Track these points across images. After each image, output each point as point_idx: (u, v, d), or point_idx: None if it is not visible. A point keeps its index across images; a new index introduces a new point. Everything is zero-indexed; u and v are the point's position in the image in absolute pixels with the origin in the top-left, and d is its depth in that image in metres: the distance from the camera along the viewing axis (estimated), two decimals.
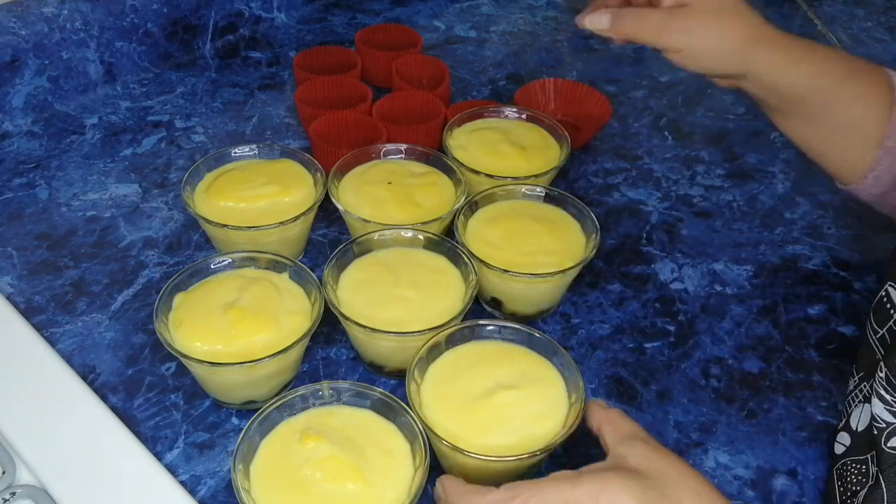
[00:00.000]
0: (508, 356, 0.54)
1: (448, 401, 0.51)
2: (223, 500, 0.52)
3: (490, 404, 0.50)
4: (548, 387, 0.52)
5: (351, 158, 0.69)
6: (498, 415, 0.50)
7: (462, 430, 0.49)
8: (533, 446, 0.48)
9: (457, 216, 0.64)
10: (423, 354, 0.52)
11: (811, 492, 0.55)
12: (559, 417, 0.50)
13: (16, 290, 0.65)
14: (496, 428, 0.49)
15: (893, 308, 0.51)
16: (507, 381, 0.52)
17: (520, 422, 0.50)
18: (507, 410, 0.50)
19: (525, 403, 0.50)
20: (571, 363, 0.52)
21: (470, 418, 0.50)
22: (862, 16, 1.13)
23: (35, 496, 0.49)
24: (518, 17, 1.07)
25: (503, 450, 0.48)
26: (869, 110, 0.57)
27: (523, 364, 0.53)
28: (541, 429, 0.49)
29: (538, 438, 0.49)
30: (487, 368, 0.53)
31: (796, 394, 0.61)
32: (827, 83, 0.57)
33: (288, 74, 0.92)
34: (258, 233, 0.62)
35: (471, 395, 0.51)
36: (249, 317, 0.55)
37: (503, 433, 0.49)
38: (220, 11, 0.92)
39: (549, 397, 0.51)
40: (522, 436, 0.49)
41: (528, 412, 0.50)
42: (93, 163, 0.77)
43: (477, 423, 0.49)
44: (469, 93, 0.91)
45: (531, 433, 0.49)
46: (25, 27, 0.78)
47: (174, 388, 0.58)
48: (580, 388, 0.50)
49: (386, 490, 0.47)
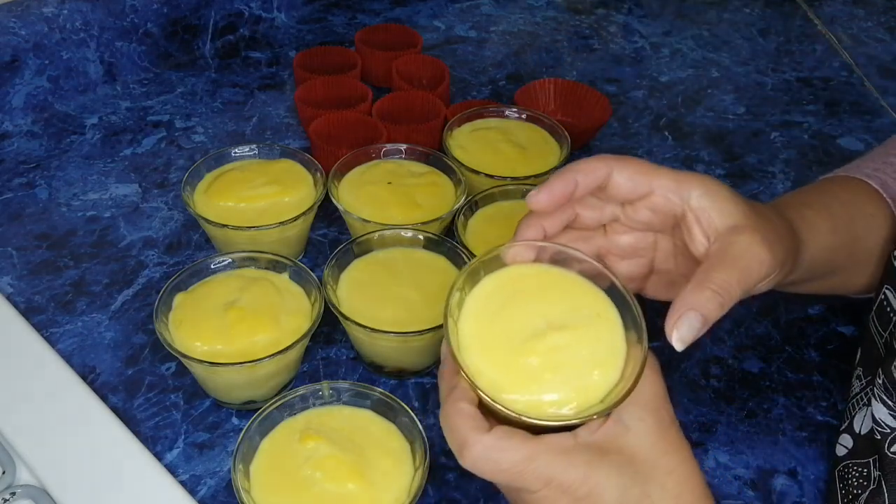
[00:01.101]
0: (559, 286, 0.45)
1: (490, 342, 0.43)
2: (223, 500, 0.52)
3: (539, 348, 0.42)
4: (603, 326, 0.44)
5: (351, 158, 0.69)
6: (548, 361, 0.42)
7: (506, 378, 0.42)
8: (588, 401, 0.41)
9: (457, 216, 0.64)
10: (460, 283, 0.44)
11: (811, 492, 0.55)
12: (618, 363, 0.43)
13: (16, 290, 0.65)
14: (545, 377, 0.42)
15: (893, 312, 0.51)
16: (558, 320, 0.43)
17: (572, 371, 0.42)
18: (559, 356, 0.42)
19: (579, 347, 0.43)
20: (628, 295, 0.44)
21: (517, 365, 0.42)
22: (862, 16, 1.13)
23: (35, 496, 0.49)
24: (518, 17, 1.07)
25: (553, 405, 0.41)
26: (879, 236, 0.56)
27: (576, 297, 0.45)
28: (596, 379, 0.42)
29: (594, 390, 0.41)
30: (535, 301, 0.44)
31: (796, 394, 0.61)
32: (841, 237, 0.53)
33: (288, 74, 0.92)
34: (258, 233, 0.62)
35: (517, 335, 0.43)
36: (249, 317, 0.55)
37: (554, 384, 0.41)
38: (220, 11, 0.92)
39: (605, 340, 0.43)
40: (575, 388, 0.41)
41: (581, 359, 0.42)
42: (93, 163, 0.77)
43: (524, 371, 0.42)
44: (469, 93, 0.91)
45: (586, 384, 0.42)
46: (25, 27, 0.78)
47: (174, 388, 0.58)
48: (641, 327, 0.43)
49: (386, 490, 0.47)
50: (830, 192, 0.56)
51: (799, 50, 1.05)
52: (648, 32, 1.06)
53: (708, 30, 1.08)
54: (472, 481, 0.54)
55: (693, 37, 1.06)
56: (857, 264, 0.56)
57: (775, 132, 0.89)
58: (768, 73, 1.00)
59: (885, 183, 0.56)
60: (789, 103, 0.94)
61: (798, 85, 0.98)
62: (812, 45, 1.06)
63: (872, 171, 0.57)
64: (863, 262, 0.56)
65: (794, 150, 0.87)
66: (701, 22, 1.10)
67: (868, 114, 0.93)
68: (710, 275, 0.42)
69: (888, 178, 0.56)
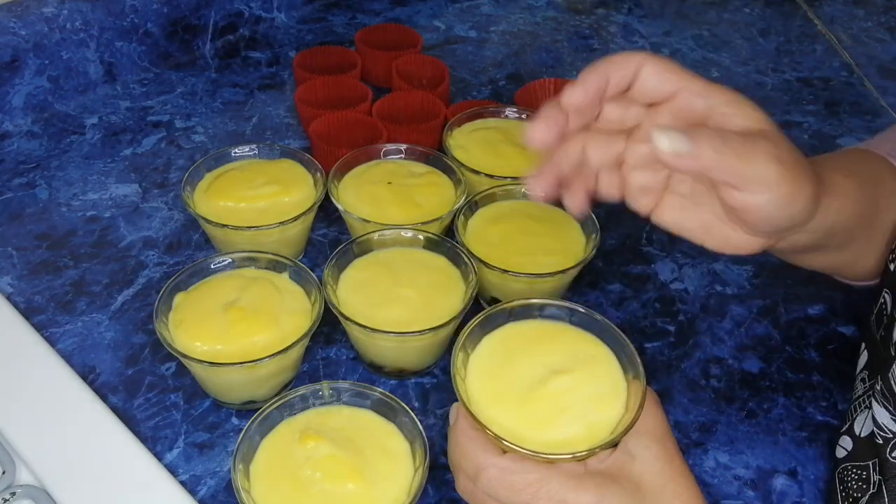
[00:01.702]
0: (552, 336, 0.49)
1: (499, 394, 0.46)
2: (223, 500, 0.52)
3: (546, 393, 0.45)
4: (601, 366, 0.47)
5: (351, 158, 0.69)
6: (555, 404, 0.45)
7: (519, 424, 0.44)
8: (599, 435, 0.43)
9: (457, 216, 0.64)
10: (462, 344, 0.47)
11: (811, 492, 0.55)
12: (620, 398, 0.45)
13: (16, 290, 0.65)
14: (556, 418, 0.44)
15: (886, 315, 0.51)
16: (559, 365, 0.47)
17: (580, 409, 0.44)
18: (564, 398, 0.45)
19: (582, 387, 0.45)
20: (620, 336, 0.47)
21: (527, 411, 0.45)
22: (862, 16, 1.13)
23: (35, 496, 0.49)
24: (518, 17, 1.07)
25: (567, 444, 0.43)
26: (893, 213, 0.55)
27: (571, 343, 0.48)
28: (603, 414, 0.44)
29: (603, 425, 0.44)
30: (534, 352, 0.47)
31: (796, 394, 0.61)
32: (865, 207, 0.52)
33: (288, 74, 0.92)
34: (258, 233, 0.62)
35: (523, 384, 0.46)
36: (249, 317, 0.55)
37: (564, 424, 0.44)
38: (220, 11, 0.92)
39: (605, 378, 0.46)
40: (585, 424, 0.44)
41: (586, 397, 0.45)
42: (93, 163, 0.77)
43: (535, 415, 0.44)
44: (469, 93, 0.91)
45: (593, 420, 0.44)
46: (25, 27, 0.78)
47: (174, 388, 0.58)
48: (636, 363, 0.45)
49: (386, 490, 0.47)
50: (858, 160, 0.55)
51: (799, 50, 1.05)
52: (648, 32, 1.06)
53: (708, 30, 1.08)
54: None
55: (693, 37, 1.06)
56: (872, 240, 0.55)
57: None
58: (768, 73, 0.99)
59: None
60: (789, 103, 0.94)
61: (798, 85, 0.98)
62: (812, 45, 1.06)
63: (892, 150, 0.56)
64: (878, 239, 0.55)
65: None
66: (701, 22, 1.10)
67: (868, 114, 0.93)
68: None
69: None
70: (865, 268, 0.57)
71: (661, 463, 0.42)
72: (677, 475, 0.42)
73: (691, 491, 0.42)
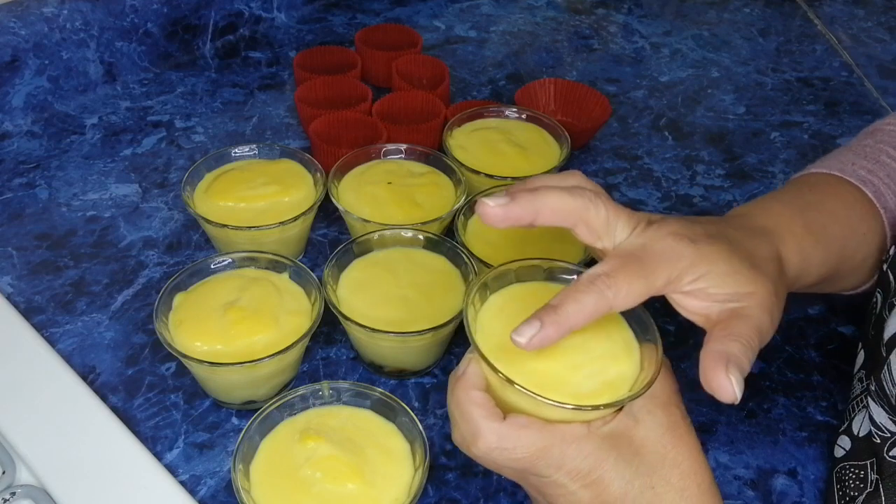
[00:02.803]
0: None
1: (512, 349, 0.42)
2: (223, 500, 0.52)
3: (556, 350, 0.43)
4: (610, 324, 0.45)
5: (351, 158, 0.69)
6: (568, 361, 0.43)
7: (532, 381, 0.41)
8: (618, 391, 0.41)
9: (457, 216, 0.64)
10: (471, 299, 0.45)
11: (811, 492, 0.55)
12: (634, 358, 0.44)
13: (16, 290, 0.65)
14: (570, 375, 0.42)
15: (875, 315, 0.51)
16: None
17: (593, 366, 0.43)
18: (577, 355, 0.43)
19: (594, 345, 0.44)
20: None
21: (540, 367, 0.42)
22: (862, 16, 1.13)
23: (35, 496, 0.49)
24: (518, 17, 1.07)
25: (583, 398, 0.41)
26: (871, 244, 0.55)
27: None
28: (617, 372, 0.43)
29: (618, 383, 0.42)
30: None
31: (796, 394, 0.61)
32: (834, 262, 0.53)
33: (288, 74, 0.92)
34: (258, 233, 0.62)
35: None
36: (249, 317, 0.55)
37: (578, 380, 0.42)
38: (220, 11, 0.92)
39: (617, 337, 0.44)
40: (600, 381, 0.42)
41: (598, 354, 0.43)
42: (93, 163, 0.77)
43: (548, 372, 0.42)
44: (469, 93, 0.91)
45: (608, 379, 0.42)
46: (25, 27, 0.78)
47: (174, 388, 0.58)
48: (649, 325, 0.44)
49: (386, 490, 0.47)
50: (828, 208, 0.55)
51: (799, 50, 1.05)
52: (648, 32, 1.06)
53: (708, 30, 1.08)
54: (472, 481, 0.54)
55: (693, 37, 1.06)
56: (841, 277, 0.56)
57: (775, 132, 0.89)
58: (768, 73, 1.00)
59: (878, 191, 0.56)
60: (789, 103, 0.94)
61: (798, 85, 0.98)
62: (812, 45, 1.06)
63: (867, 175, 0.56)
64: (846, 274, 0.56)
65: (794, 150, 0.87)
66: (701, 22, 1.10)
67: (868, 114, 0.93)
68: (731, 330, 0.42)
69: (881, 184, 0.56)
70: (838, 288, 0.58)
71: (663, 429, 0.41)
72: (679, 443, 0.42)
73: (692, 459, 0.42)
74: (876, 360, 0.50)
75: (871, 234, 0.55)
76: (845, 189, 0.56)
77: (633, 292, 0.41)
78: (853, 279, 0.57)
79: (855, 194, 0.56)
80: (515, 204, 0.41)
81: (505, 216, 0.42)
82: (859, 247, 0.55)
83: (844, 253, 0.54)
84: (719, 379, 0.40)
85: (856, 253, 0.55)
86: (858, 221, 0.55)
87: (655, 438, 0.41)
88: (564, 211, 0.42)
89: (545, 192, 0.42)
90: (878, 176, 0.57)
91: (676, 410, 0.43)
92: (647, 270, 0.41)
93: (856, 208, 0.55)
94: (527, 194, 0.42)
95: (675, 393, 0.44)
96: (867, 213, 0.55)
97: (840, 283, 0.57)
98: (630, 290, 0.40)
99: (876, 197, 0.56)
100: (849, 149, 0.60)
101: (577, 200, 0.42)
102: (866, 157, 0.58)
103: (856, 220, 0.55)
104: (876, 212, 0.55)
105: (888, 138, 0.59)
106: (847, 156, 0.59)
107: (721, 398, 0.40)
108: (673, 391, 0.44)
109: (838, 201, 0.55)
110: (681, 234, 0.43)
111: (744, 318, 0.42)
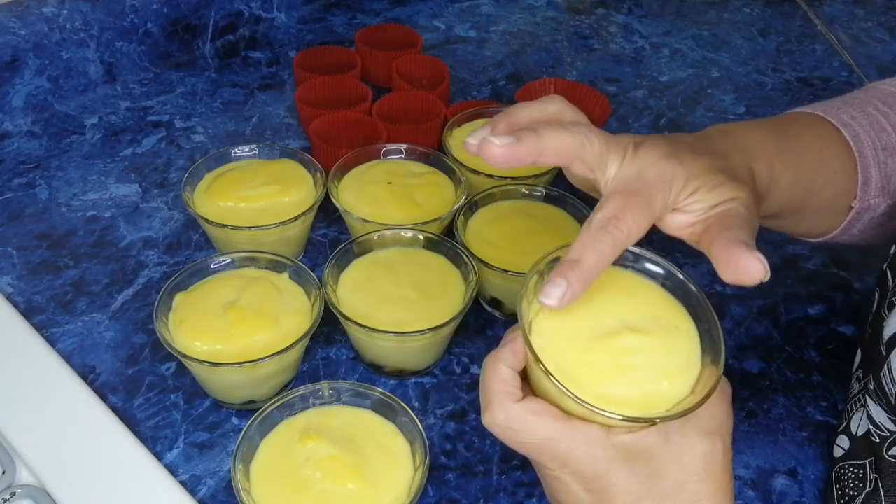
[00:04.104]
0: (639, 292, 0.44)
1: (563, 332, 0.42)
2: (223, 500, 0.52)
3: (611, 347, 0.41)
4: (680, 339, 0.42)
5: (351, 158, 0.69)
6: (618, 362, 0.41)
7: (573, 368, 0.40)
8: (652, 407, 0.39)
9: (457, 216, 0.64)
10: (541, 268, 0.43)
11: (811, 492, 0.55)
12: (689, 378, 0.40)
13: (16, 290, 0.65)
14: (613, 376, 0.40)
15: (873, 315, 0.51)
16: (635, 323, 0.42)
17: (642, 374, 0.40)
18: (630, 358, 0.41)
19: (653, 355, 0.41)
20: (711, 315, 0.42)
21: (587, 358, 0.41)
22: (862, 16, 1.13)
23: (35, 496, 0.49)
24: (518, 17, 1.07)
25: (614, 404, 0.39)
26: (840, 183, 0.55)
27: (656, 305, 0.43)
28: (665, 388, 0.40)
29: (660, 399, 0.39)
30: (613, 303, 0.43)
31: (796, 394, 0.61)
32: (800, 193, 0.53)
33: (288, 74, 0.92)
34: (258, 233, 0.62)
35: (590, 330, 0.42)
36: (249, 317, 0.55)
37: (621, 384, 0.40)
38: (220, 11, 0.92)
39: (682, 353, 0.41)
40: (643, 392, 0.40)
41: (653, 364, 0.41)
42: (93, 163, 0.77)
43: (592, 365, 0.40)
44: (469, 93, 0.91)
45: (653, 391, 0.40)
46: (25, 27, 0.78)
47: (174, 388, 0.58)
48: (719, 349, 0.40)
49: (386, 490, 0.47)
50: (804, 140, 0.54)
51: (799, 50, 1.05)
52: (648, 32, 1.06)
53: (708, 30, 1.08)
54: (472, 481, 0.54)
55: (693, 37, 1.06)
56: (806, 214, 0.55)
57: None
58: (768, 73, 1.00)
59: (857, 136, 0.55)
60: (789, 103, 0.94)
61: (798, 85, 0.98)
62: (812, 45, 1.06)
63: (849, 120, 0.56)
64: (812, 212, 0.55)
65: None
66: (701, 22, 1.10)
67: None
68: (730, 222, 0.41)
69: (861, 130, 0.55)
70: (799, 232, 0.58)
71: (695, 458, 0.39)
72: (708, 478, 0.39)
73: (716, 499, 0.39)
74: (874, 359, 0.50)
75: (843, 173, 0.54)
76: (825, 128, 0.56)
77: (641, 227, 0.40)
78: (818, 221, 0.56)
79: (833, 134, 0.55)
80: (521, 145, 0.40)
81: (511, 156, 0.40)
82: (827, 184, 0.54)
83: (812, 187, 0.53)
84: (746, 259, 0.37)
85: (823, 190, 0.54)
86: (831, 158, 0.54)
87: (682, 465, 0.39)
88: (564, 150, 0.41)
89: (547, 133, 0.41)
90: (860, 123, 0.56)
91: (719, 443, 0.40)
92: (649, 202, 0.41)
93: (830, 147, 0.55)
94: (531, 134, 0.41)
95: (725, 425, 0.41)
96: (842, 154, 0.55)
97: (805, 223, 0.56)
98: (638, 225, 0.40)
99: (853, 140, 0.55)
100: (839, 98, 0.60)
101: (576, 138, 0.42)
102: (853, 106, 0.57)
103: (829, 156, 0.54)
104: (851, 154, 0.55)
105: (880, 94, 0.59)
106: (835, 102, 0.59)
107: (751, 280, 0.37)
108: (723, 422, 0.40)
109: (814, 136, 0.55)
110: (670, 154, 0.42)
111: (735, 215, 0.41)
